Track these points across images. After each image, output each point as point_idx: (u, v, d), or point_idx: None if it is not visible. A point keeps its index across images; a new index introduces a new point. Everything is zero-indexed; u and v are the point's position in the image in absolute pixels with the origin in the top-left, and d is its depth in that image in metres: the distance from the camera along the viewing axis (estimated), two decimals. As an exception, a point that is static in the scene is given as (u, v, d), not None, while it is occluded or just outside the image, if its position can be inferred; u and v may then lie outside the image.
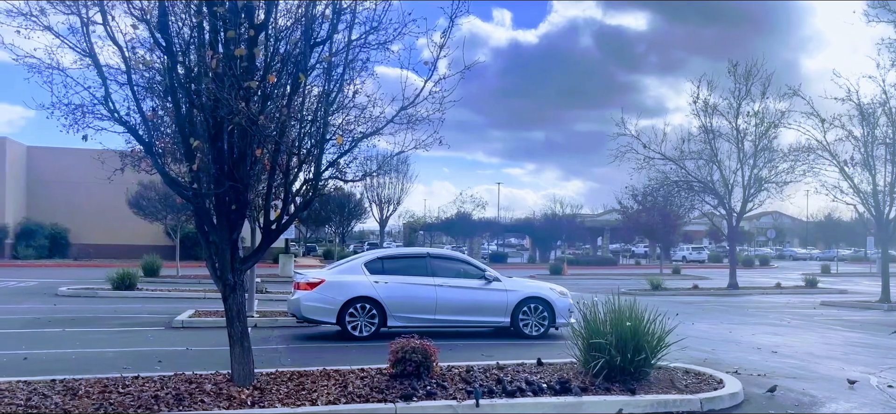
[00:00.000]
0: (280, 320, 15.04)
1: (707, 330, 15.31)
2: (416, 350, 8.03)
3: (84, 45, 7.03)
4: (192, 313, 15.80)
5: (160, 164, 7.47)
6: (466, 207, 62.88)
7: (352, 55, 7.51)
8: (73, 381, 7.90)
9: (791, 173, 28.06)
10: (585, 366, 8.35)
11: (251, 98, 6.86)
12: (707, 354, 11.60)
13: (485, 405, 7.25)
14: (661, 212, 41.09)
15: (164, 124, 8.31)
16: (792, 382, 9.16)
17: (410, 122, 7.96)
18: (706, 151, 29.23)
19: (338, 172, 8.12)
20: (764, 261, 64.98)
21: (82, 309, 17.71)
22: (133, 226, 38.71)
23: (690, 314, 18.78)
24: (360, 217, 60.74)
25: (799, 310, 21.05)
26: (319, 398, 7.29)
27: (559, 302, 13.55)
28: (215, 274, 7.70)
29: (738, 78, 28.26)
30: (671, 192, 34.26)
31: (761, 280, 37.06)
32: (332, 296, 12.78)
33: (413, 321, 12.81)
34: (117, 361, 10.12)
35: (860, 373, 10.09)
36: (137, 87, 7.42)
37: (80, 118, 7.40)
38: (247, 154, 7.24)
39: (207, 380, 7.94)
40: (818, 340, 14.04)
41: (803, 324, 17.06)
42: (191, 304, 18.45)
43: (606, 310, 8.47)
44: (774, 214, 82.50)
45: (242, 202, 7.50)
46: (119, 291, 21.74)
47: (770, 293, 28.80)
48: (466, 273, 13.63)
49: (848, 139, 23.23)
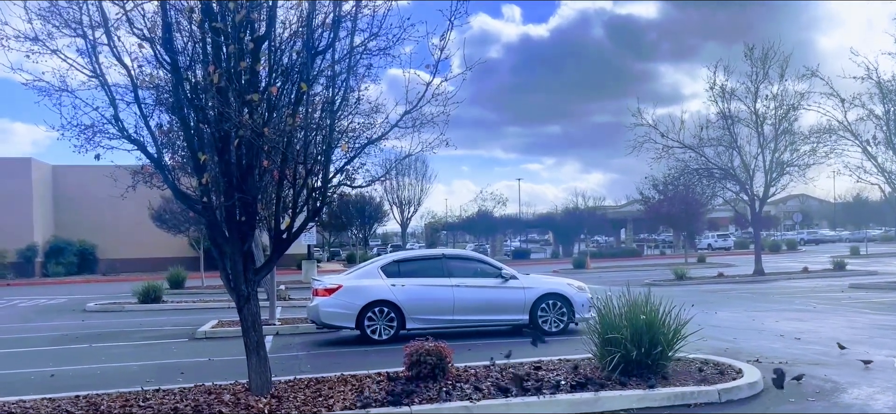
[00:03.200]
0: (301, 327, 15.16)
1: (730, 318, 15.14)
2: (431, 352, 8.06)
3: (92, 66, 7.16)
4: (215, 324, 15.98)
5: (170, 179, 7.58)
6: (487, 205, 62.86)
7: (354, 62, 7.54)
8: (96, 396, 8.05)
9: (813, 155, 27.66)
10: (602, 361, 8.31)
11: (255, 110, 6.94)
12: (729, 343, 11.49)
13: (500, 404, 7.25)
14: (684, 200, 40.66)
15: (174, 139, 8.42)
16: (814, 369, 9.02)
17: (415, 125, 7.98)
18: (725, 138, 28.91)
19: (346, 179, 8.18)
20: (791, 245, 63.98)
21: (109, 324, 18.00)
22: (158, 239, 39.28)
23: (714, 303, 18.60)
24: (381, 220, 61.13)
25: (826, 294, 20.73)
26: (336, 404, 7.34)
27: (577, 297, 13.50)
28: (229, 285, 7.79)
29: (754, 61, 27.89)
30: (692, 181, 33.90)
31: (788, 265, 36.53)
32: (350, 301, 12.86)
33: (431, 323, 12.84)
34: (141, 374, 10.28)
35: (885, 356, 9.91)
36: (145, 104, 7.51)
37: (91, 138, 7.52)
38: (254, 165, 7.31)
39: (226, 390, 8.03)
40: (844, 324, 13.82)
41: (830, 308, 16.80)
42: (215, 314, 18.66)
43: (621, 303, 8.42)
44: (801, 198, 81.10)
45: (252, 213, 7.58)
46: (145, 304, 22.06)
47: (796, 278, 28.39)
48: (483, 272, 13.63)
49: (869, 118, 22.89)
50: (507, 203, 66.66)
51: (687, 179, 34.14)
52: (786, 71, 27.42)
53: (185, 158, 8.14)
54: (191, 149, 7.39)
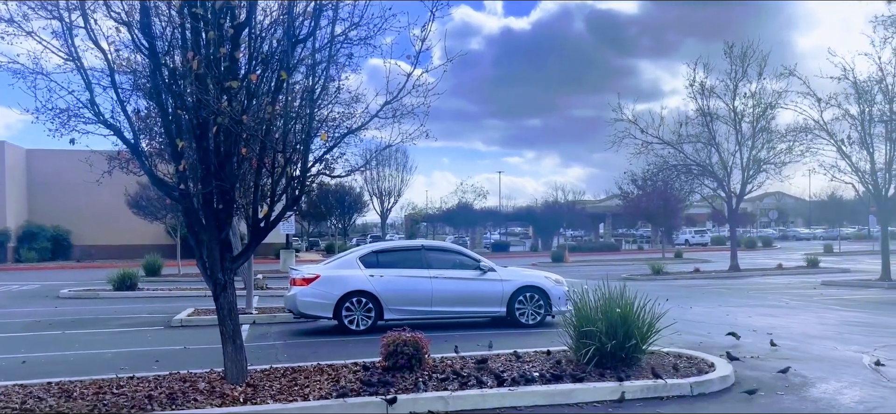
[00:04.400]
0: (278, 316, 15.10)
1: (704, 313, 15.34)
2: (408, 343, 8.09)
3: (67, 49, 7.06)
4: (191, 312, 15.87)
5: (147, 166, 7.51)
6: (468, 197, 62.90)
7: (334, 51, 7.52)
8: (68, 383, 7.97)
9: (789, 154, 27.94)
10: (577, 353, 8.39)
11: (234, 97, 6.89)
12: (702, 337, 11.64)
13: (476, 395, 7.30)
14: (662, 196, 41.03)
15: (152, 125, 8.34)
16: (784, 364, 9.15)
17: (396, 116, 7.97)
18: (704, 134, 29.19)
19: (325, 169, 8.16)
20: (767, 242, 64.88)
21: (83, 311, 17.81)
22: (135, 226, 38.83)
23: (689, 298, 18.82)
24: (360, 210, 60.87)
25: (799, 290, 21.06)
26: (311, 394, 7.34)
27: (554, 290, 13.59)
28: (206, 273, 7.75)
29: (733, 59, 28.19)
30: (670, 177, 34.21)
31: (763, 261, 37.06)
32: (328, 291, 12.84)
33: (409, 314, 12.87)
34: (115, 361, 10.19)
35: (853, 352, 10.12)
36: (122, 89, 7.43)
37: (66, 122, 7.43)
38: (233, 153, 7.26)
39: (201, 378, 8.00)
40: (815, 320, 14.06)
41: (802, 305, 17.08)
42: (191, 302, 18.53)
43: (597, 297, 8.51)
44: (777, 195, 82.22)
45: (229, 201, 7.54)
46: (120, 291, 21.86)
47: (771, 275, 28.80)
48: (462, 264, 13.68)
49: (844, 118, 23.21)
50: (487, 196, 66.77)
51: (665, 175, 34.45)
52: (764, 69, 27.76)
53: (162, 145, 8.08)
54: (168, 135, 7.33)
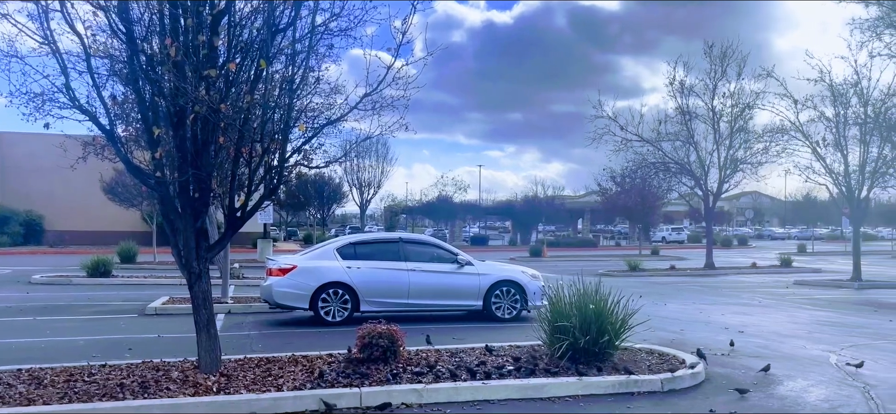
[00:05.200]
0: (254, 306, 15.03)
1: (678, 310, 15.53)
2: (383, 335, 8.11)
3: (43, 32, 6.96)
4: (166, 300, 15.75)
5: (122, 152, 7.44)
6: (448, 190, 62.95)
7: (315, 41, 7.49)
8: (39, 370, 7.89)
9: (766, 154, 28.32)
10: (551, 348, 8.46)
11: (212, 86, 6.84)
12: (675, 334, 11.79)
13: (450, 388, 7.35)
14: (640, 193, 41.35)
15: (128, 111, 8.26)
16: (754, 361, 9.34)
17: (375, 108, 7.98)
18: (683, 133, 29.43)
19: (304, 159, 8.14)
20: (742, 241, 65.73)
21: (55, 297, 17.59)
22: (110, 212, 38.29)
23: (664, 295, 19.03)
24: (339, 201, 60.66)
25: (772, 289, 21.38)
26: (285, 384, 7.34)
27: (531, 285, 13.67)
28: (180, 261, 7.71)
29: (713, 59, 28.43)
30: (649, 174, 34.48)
31: (738, 260, 37.55)
32: (305, 282, 12.81)
33: (386, 306, 12.88)
34: (87, 349, 10.10)
35: (821, 350, 10.32)
36: (98, 74, 7.35)
37: (41, 106, 7.34)
38: (210, 141, 7.22)
39: (174, 367, 7.96)
40: (786, 319, 14.30)
41: (774, 303, 17.35)
42: (166, 291, 18.39)
43: (572, 293, 8.58)
44: (754, 195, 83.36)
45: (206, 190, 7.50)
46: (94, 278, 21.61)
47: (745, 273, 29.19)
48: (439, 257, 13.71)
49: (820, 120, 23.56)
50: (467, 189, 66.84)
51: (644, 173, 34.71)
52: (743, 70, 28.05)
53: (138, 132, 8.00)
54: (145, 122, 7.28)
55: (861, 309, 16.05)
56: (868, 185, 23.37)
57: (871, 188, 23.78)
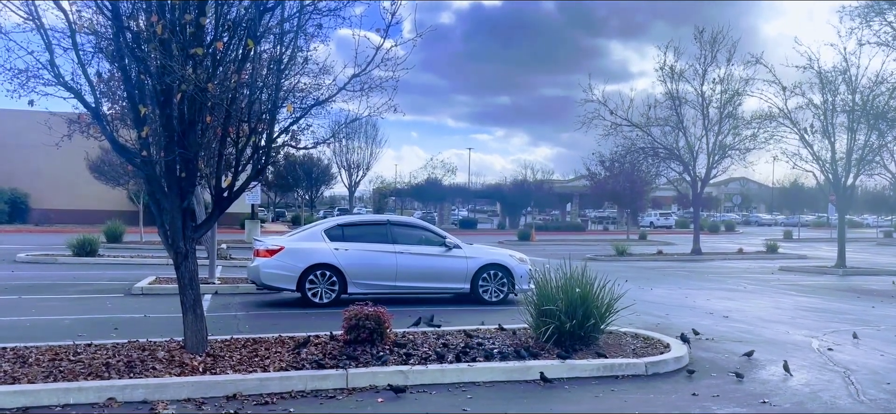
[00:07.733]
0: (241, 287, 15.01)
1: (664, 295, 15.64)
2: (370, 317, 8.12)
3: (27, 7, 6.87)
4: (152, 280, 15.69)
5: (108, 130, 7.37)
6: (437, 173, 63.00)
7: (303, 21, 7.43)
8: (24, 348, 7.85)
9: (754, 140, 28.45)
10: (537, 331, 8.52)
11: (200, 64, 6.79)
12: (660, 318, 11.89)
13: (436, 370, 7.38)
14: (629, 178, 41.51)
15: (115, 89, 8.18)
16: (737, 346, 9.43)
17: (364, 89, 7.93)
18: (672, 118, 29.53)
19: (291, 140, 8.10)
20: (729, 226, 66.20)
21: (41, 276, 17.48)
22: (96, 191, 38.03)
23: (651, 279, 19.15)
24: (328, 182, 60.60)
25: (757, 275, 21.56)
26: (271, 365, 7.35)
27: (518, 268, 13.73)
28: (167, 241, 7.68)
29: (703, 44, 28.52)
30: (637, 159, 34.61)
31: (725, 246, 37.82)
32: (292, 263, 12.78)
33: (373, 288, 12.89)
34: (73, 328, 10.06)
35: (804, 336, 10.43)
36: (84, 51, 7.27)
37: (25, 82, 7.26)
38: (197, 121, 7.18)
39: (161, 347, 7.95)
40: (770, 305, 14.43)
41: (759, 289, 17.50)
42: (152, 270, 18.32)
43: (559, 276, 8.63)
44: (741, 181, 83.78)
45: (192, 170, 7.45)
46: (80, 257, 21.48)
47: (732, 259, 29.42)
48: (427, 240, 13.72)
49: (808, 107, 23.68)
50: (456, 172, 66.96)
51: (633, 158, 34.85)
52: (733, 56, 28.13)
53: (124, 110, 7.94)
54: (131, 100, 7.21)
55: (845, 295, 16.22)
56: (854, 173, 23.58)
57: (857, 176, 24.01)
